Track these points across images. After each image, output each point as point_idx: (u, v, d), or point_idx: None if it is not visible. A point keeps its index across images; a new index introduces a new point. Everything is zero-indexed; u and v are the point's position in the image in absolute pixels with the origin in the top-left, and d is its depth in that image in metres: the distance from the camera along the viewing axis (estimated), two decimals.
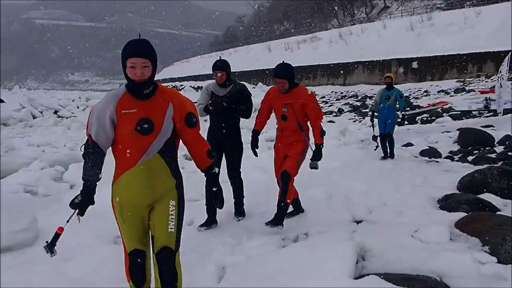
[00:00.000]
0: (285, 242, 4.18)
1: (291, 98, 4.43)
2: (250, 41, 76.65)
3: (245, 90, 4.79)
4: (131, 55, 2.32)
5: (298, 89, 4.47)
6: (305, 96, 4.41)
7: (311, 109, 4.40)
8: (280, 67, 4.39)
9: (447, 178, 6.53)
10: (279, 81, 4.37)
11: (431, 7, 50.49)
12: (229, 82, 4.73)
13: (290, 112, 4.46)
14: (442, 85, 30.25)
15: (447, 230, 4.02)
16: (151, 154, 2.44)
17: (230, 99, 4.62)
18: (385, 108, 8.49)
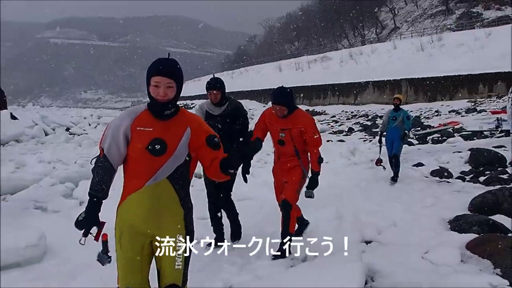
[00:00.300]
0: (293, 262, 4.15)
1: (290, 123, 4.21)
2: (261, 60, 77.24)
3: (241, 108, 4.62)
4: (156, 73, 2.24)
5: (297, 114, 4.26)
6: (305, 122, 4.21)
7: (310, 135, 4.19)
8: (279, 92, 4.17)
9: (458, 199, 6.46)
10: (277, 107, 4.13)
11: (441, 27, 50.62)
12: (224, 100, 4.55)
13: (287, 137, 4.26)
14: (453, 105, 30.11)
15: (458, 252, 3.97)
16: (159, 178, 2.30)
17: (225, 118, 4.46)
18: (392, 129, 8.36)
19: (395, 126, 8.29)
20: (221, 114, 4.50)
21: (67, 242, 4.57)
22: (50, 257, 4.27)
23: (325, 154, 10.21)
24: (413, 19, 62.78)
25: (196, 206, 2.81)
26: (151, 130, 2.29)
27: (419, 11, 63.63)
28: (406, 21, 64.54)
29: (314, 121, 4.34)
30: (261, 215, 5.93)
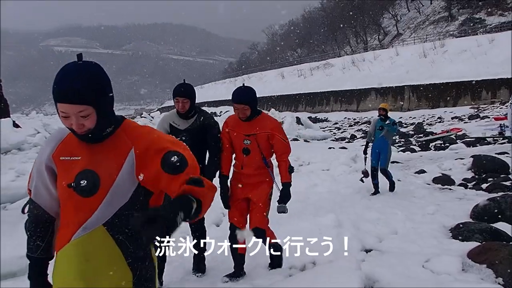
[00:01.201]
0: (291, 271, 4.10)
1: (255, 128, 3.66)
2: (264, 67, 77.52)
3: (213, 123, 3.89)
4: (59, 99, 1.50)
5: (262, 117, 3.74)
6: (271, 126, 3.68)
7: (278, 141, 3.67)
8: (240, 90, 3.62)
9: (460, 206, 6.41)
10: (238, 107, 3.56)
11: (444, 34, 50.66)
12: (193, 112, 3.85)
13: (253, 144, 3.68)
14: (456, 111, 30.07)
15: (459, 261, 3.91)
16: (90, 227, 1.59)
17: (192, 134, 3.78)
18: (378, 140, 7.89)
19: (381, 136, 7.84)
20: (189, 129, 3.82)
21: None
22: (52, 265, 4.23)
23: (327, 161, 10.16)
24: (415, 26, 62.87)
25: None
26: (78, 159, 1.62)
27: (421, 17, 63.74)
28: (408, 27, 64.64)
29: (281, 125, 3.82)
30: None
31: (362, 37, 71.88)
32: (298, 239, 4.84)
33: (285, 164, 3.70)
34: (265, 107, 52.37)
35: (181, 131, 3.82)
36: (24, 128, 19.20)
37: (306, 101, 51.62)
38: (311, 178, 9.19)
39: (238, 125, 3.73)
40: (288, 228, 5.32)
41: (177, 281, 3.90)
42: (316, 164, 10.56)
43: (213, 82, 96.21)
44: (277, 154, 3.72)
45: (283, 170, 3.72)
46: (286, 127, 19.72)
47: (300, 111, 48.40)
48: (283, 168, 3.72)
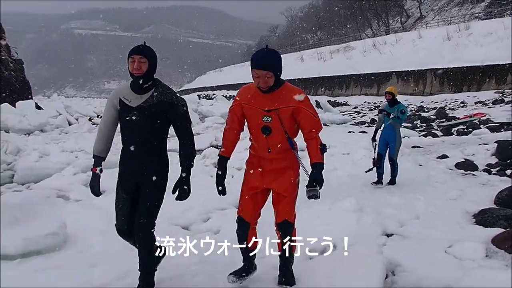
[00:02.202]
0: (311, 254, 4.08)
1: (277, 102, 3.03)
2: (283, 51, 76.82)
3: (174, 100, 3.11)
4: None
5: (286, 88, 3.08)
6: (299, 97, 3.05)
7: (307, 116, 3.06)
8: (263, 52, 2.98)
9: (484, 192, 6.30)
10: (260, 73, 2.91)
11: (469, 16, 49.40)
12: (150, 84, 3.09)
13: (275, 122, 3.05)
14: (479, 96, 29.42)
15: (483, 247, 3.86)
16: None
17: (147, 113, 3.04)
18: (386, 128, 7.41)
19: (389, 124, 7.35)
20: (141, 106, 3.05)
21: (88, 231, 4.63)
22: (70, 245, 4.31)
23: (347, 145, 10.08)
24: (439, 8, 61.41)
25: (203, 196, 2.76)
26: None
27: None
28: (432, 9, 63.18)
29: (308, 98, 3.15)
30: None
31: (383, 20, 70.55)
32: (318, 223, 4.86)
33: (316, 142, 3.10)
34: None
35: (131, 109, 3.05)
36: (46, 110, 19.53)
37: (325, 85, 51.11)
38: (331, 162, 9.12)
39: (255, 98, 3.08)
40: (309, 212, 5.31)
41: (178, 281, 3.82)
42: (336, 148, 10.48)
43: (232, 65, 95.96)
44: (305, 131, 3.09)
45: (313, 148, 3.10)
46: None
47: (320, 94, 48.00)
48: (313, 146, 3.10)
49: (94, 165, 3.23)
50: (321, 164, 3.10)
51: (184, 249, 3.98)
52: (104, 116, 3.25)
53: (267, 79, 2.92)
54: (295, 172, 3.23)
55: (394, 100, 7.32)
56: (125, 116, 3.08)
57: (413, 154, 9.83)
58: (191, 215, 5.45)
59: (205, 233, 4.86)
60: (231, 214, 5.28)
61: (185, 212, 5.45)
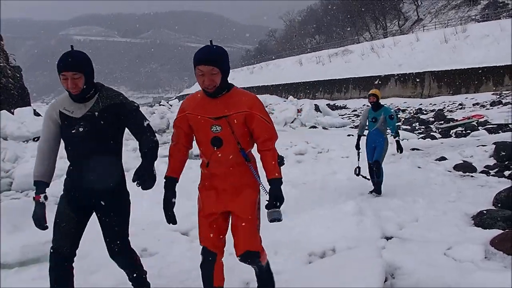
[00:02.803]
0: (311, 258, 4.09)
1: (226, 108, 2.59)
2: (282, 55, 77.00)
3: (122, 99, 2.79)
4: None
5: (235, 92, 2.67)
6: (249, 103, 2.62)
7: (261, 123, 2.62)
8: (206, 47, 2.57)
9: (482, 193, 6.32)
10: (204, 69, 2.47)
11: (466, 18, 49.55)
12: (92, 92, 2.73)
13: (226, 131, 2.59)
14: (477, 98, 29.48)
15: (482, 248, 3.86)
16: None
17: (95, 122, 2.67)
18: (372, 133, 6.85)
19: (375, 129, 6.80)
20: (88, 115, 2.68)
21: (87, 237, 4.61)
22: None
23: (346, 148, 10.07)
24: (436, 10, 61.61)
25: None
26: None
27: (443, 2, 62.37)
28: (429, 12, 63.38)
29: (261, 102, 2.73)
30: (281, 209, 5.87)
31: (381, 23, 70.76)
32: (317, 226, 4.87)
33: (272, 154, 2.63)
34: (283, 95, 52.34)
35: (76, 120, 2.68)
36: None
37: (324, 88, 51.19)
38: (330, 165, 9.15)
39: (201, 106, 2.62)
40: (308, 215, 5.33)
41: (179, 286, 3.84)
42: (335, 152, 10.50)
43: (231, 70, 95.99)
44: (259, 141, 2.65)
45: (269, 162, 2.62)
46: (305, 114, 19.62)
47: (319, 98, 48.05)
48: (269, 159, 2.63)
49: (37, 193, 2.74)
50: (279, 180, 2.62)
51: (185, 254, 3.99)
52: (43, 135, 2.80)
53: (213, 76, 2.47)
54: (255, 190, 2.73)
55: (378, 104, 6.79)
56: (70, 129, 2.68)
57: (411, 156, 9.84)
58: (191, 220, 5.43)
59: None
60: None
61: (186, 218, 5.44)
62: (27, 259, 3.96)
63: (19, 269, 3.88)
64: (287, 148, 10.29)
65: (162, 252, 4.40)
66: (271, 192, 2.60)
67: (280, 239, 4.62)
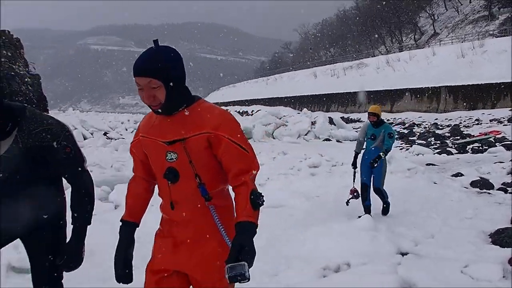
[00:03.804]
0: (325, 272, 4.05)
1: (184, 128, 1.91)
2: (296, 67, 77.24)
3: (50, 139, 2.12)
4: None
5: (198, 108, 1.96)
6: (214, 121, 1.90)
7: (230, 149, 1.89)
8: (147, 53, 1.89)
9: (500, 211, 6.21)
10: (142, 82, 1.83)
11: (483, 33, 49.22)
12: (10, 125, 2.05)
13: (183, 160, 1.91)
14: (494, 113, 29.14)
15: (499, 267, 3.79)
16: None
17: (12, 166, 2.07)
18: (370, 151, 6.27)
19: (374, 147, 6.24)
20: (5, 157, 2.06)
21: (101, 244, 4.63)
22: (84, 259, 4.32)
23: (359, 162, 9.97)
24: (453, 25, 61.32)
25: None
26: None
27: (460, 16, 62.11)
28: (446, 27, 63.11)
29: (235, 120, 1.98)
30: (294, 222, 5.85)
31: (397, 37, 70.66)
32: (331, 241, 4.82)
33: (246, 190, 1.87)
34: (297, 107, 52.27)
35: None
36: None
37: (338, 101, 51.11)
38: (344, 178, 9.05)
39: (156, 127, 1.97)
40: (321, 229, 5.29)
41: None
42: (349, 165, 10.40)
43: (245, 81, 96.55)
44: (230, 174, 1.91)
45: (241, 199, 1.86)
46: (319, 127, 19.58)
47: (333, 111, 47.97)
48: (241, 196, 1.86)
49: None
50: (250, 225, 1.82)
51: None
52: None
53: (153, 91, 1.81)
54: (220, 244, 1.93)
55: (380, 121, 6.21)
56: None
57: (427, 171, 9.73)
58: None
59: None
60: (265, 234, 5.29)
61: None
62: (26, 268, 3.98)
63: None
64: (301, 161, 10.26)
65: None
66: (234, 241, 1.79)
67: (292, 252, 4.59)
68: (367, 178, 6.29)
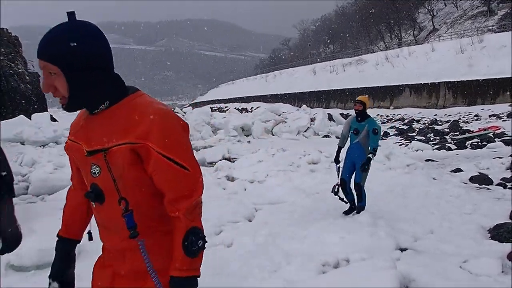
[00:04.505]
0: (325, 268, 4.06)
1: (106, 133, 1.46)
2: (295, 63, 77.15)
3: None
4: None
5: (128, 106, 1.48)
6: (144, 126, 1.41)
7: (162, 166, 1.42)
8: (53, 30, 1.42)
9: (499, 206, 6.23)
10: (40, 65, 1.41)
11: (482, 29, 49.18)
12: None
13: (105, 176, 1.47)
14: (494, 109, 29.16)
15: (498, 262, 3.81)
16: None
17: None
18: (353, 147, 6.03)
19: (356, 142, 5.99)
20: None
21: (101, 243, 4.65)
22: (85, 257, 4.33)
23: None
24: (452, 21, 61.24)
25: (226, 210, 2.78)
26: None
27: (459, 12, 62.03)
28: (445, 22, 63.03)
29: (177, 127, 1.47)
30: (293, 218, 5.86)
31: (396, 33, 70.54)
32: (331, 236, 4.84)
33: (180, 230, 1.45)
34: (296, 103, 52.26)
35: None
36: (61, 122, 19.78)
37: (338, 98, 51.11)
38: None
39: (82, 129, 1.55)
40: (321, 225, 5.31)
41: None
42: None
43: (245, 78, 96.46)
44: (165, 199, 1.48)
45: (175, 243, 1.45)
46: (318, 124, 19.59)
47: (332, 107, 47.95)
48: (176, 237, 1.46)
49: None
50: (185, 280, 1.43)
51: None
52: None
53: (51, 78, 1.41)
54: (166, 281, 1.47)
55: (364, 114, 5.95)
56: None
57: (426, 167, 9.75)
58: (204, 227, 5.45)
59: (218, 246, 4.86)
60: (244, 227, 5.34)
61: None
62: (43, 263, 3.99)
63: (35, 272, 3.92)
64: (300, 157, 10.27)
65: None
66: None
67: (292, 249, 4.61)
68: (347, 174, 6.06)
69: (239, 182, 8.29)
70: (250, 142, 16.80)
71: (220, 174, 8.96)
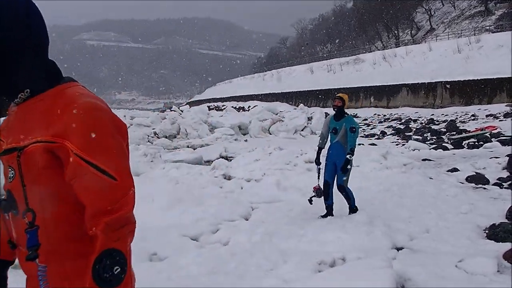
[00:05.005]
0: (321, 267, 4.07)
1: (24, 129, 1.23)
2: (293, 62, 77.14)
3: None
4: None
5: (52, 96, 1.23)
6: (64, 121, 1.16)
7: (80, 171, 1.14)
8: None
9: (495, 206, 6.24)
10: None
11: (480, 29, 49.28)
12: None
13: (16, 181, 1.23)
14: (490, 109, 29.23)
15: (494, 262, 3.82)
16: None
17: None
18: (333, 147, 5.92)
19: (336, 142, 5.87)
20: None
21: None
22: None
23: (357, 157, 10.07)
24: (450, 20, 61.36)
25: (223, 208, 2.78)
26: None
27: (456, 12, 62.14)
28: (442, 22, 63.14)
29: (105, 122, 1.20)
30: (290, 217, 5.87)
31: (393, 32, 70.61)
32: (328, 235, 4.85)
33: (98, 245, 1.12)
34: (293, 102, 52.27)
35: None
36: None
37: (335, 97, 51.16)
38: None
39: (8, 123, 1.34)
40: (317, 224, 5.31)
41: None
42: None
43: (242, 77, 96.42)
44: (86, 213, 1.18)
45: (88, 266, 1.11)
46: (315, 123, 19.60)
47: (329, 106, 47.77)
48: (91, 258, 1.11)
49: None
50: None
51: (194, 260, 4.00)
52: None
53: None
54: None
55: (342, 111, 5.91)
56: None
57: (423, 167, 9.77)
58: (200, 226, 5.45)
59: (214, 244, 4.86)
60: (240, 226, 5.35)
61: (195, 223, 5.46)
62: None
63: None
64: (297, 156, 10.27)
65: (171, 257, 4.40)
66: None
67: (289, 247, 4.61)
68: (329, 175, 5.94)
69: (236, 180, 8.28)
70: (247, 140, 16.81)
71: (217, 172, 8.95)
